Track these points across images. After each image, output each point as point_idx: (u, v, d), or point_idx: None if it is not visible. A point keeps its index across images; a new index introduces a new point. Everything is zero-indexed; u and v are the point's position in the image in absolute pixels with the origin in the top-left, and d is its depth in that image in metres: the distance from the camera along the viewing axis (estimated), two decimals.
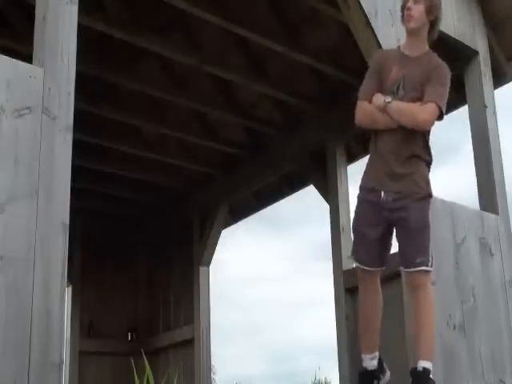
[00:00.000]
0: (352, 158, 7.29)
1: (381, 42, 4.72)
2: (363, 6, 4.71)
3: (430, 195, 3.62)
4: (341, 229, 6.54)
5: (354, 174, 7.29)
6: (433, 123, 3.58)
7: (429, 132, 3.69)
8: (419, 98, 3.59)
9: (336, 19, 5.80)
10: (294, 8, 6.38)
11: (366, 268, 3.71)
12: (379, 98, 3.68)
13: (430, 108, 3.54)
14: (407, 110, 3.58)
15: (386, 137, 3.67)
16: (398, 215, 3.56)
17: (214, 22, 5.98)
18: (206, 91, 7.49)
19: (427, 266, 3.52)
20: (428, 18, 3.76)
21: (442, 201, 4.72)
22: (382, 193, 3.61)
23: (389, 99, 3.63)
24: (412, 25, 3.77)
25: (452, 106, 6.38)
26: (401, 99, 3.63)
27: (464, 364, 4.47)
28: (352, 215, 3.83)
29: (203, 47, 6.98)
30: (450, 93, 3.88)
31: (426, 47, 3.79)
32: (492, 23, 5.84)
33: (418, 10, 3.77)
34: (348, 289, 6.36)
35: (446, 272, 4.56)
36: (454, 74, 4.00)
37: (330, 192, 6.82)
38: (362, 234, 3.68)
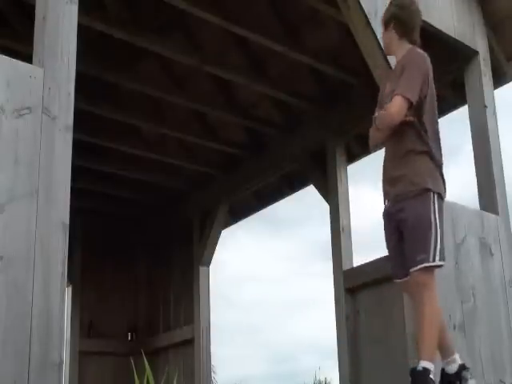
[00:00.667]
0: (352, 158, 7.30)
1: (381, 43, 4.72)
2: (363, 6, 4.71)
3: (427, 189, 3.56)
4: (341, 229, 6.54)
5: (354, 174, 7.31)
6: (402, 113, 3.55)
7: (421, 123, 3.67)
8: None
9: (336, 19, 5.80)
10: (294, 8, 6.38)
11: (396, 280, 3.70)
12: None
13: (395, 101, 3.55)
14: (382, 114, 3.63)
15: (386, 147, 3.77)
16: (400, 217, 3.58)
17: (214, 22, 5.98)
18: (206, 91, 7.49)
19: (429, 261, 3.49)
20: (389, 29, 3.85)
21: None
22: (387, 201, 3.67)
23: (376, 115, 3.69)
24: (384, 50, 4.03)
25: (452, 105, 6.40)
26: None
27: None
28: (352, 215, 3.86)
29: (203, 47, 6.98)
30: (450, 93, 3.92)
31: (405, 49, 3.80)
32: (492, 23, 5.83)
33: (383, 37, 3.94)
34: (348, 289, 6.36)
35: (446, 272, 4.55)
36: (453, 75, 4.02)
37: (330, 192, 6.82)
38: (387, 247, 3.73)
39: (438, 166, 3.67)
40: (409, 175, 3.59)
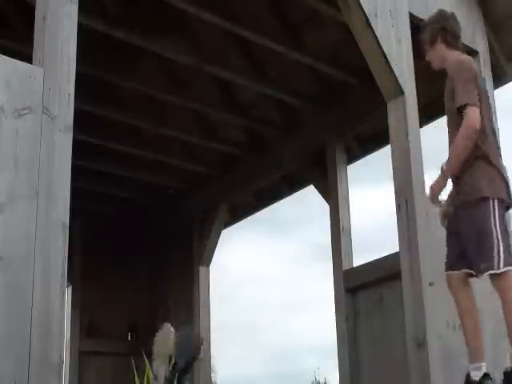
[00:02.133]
0: (352, 158, 7.30)
1: (381, 42, 4.72)
2: (363, 6, 4.71)
3: (484, 198, 3.56)
4: (341, 229, 6.53)
5: (354, 174, 7.31)
6: (478, 119, 3.62)
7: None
8: None
9: (336, 19, 5.79)
10: (294, 8, 6.38)
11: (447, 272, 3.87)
12: None
13: (468, 113, 3.62)
14: (462, 133, 3.69)
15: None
16: (460, 226, 3.75)
17: (214, 22, 5.98)
18: (206, 91, 7.49)
19: (493, 269, 3.49)
20: (436, 44, 3.92)
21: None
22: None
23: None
24: (435, 67, 4.03)
25: None
26: None
27: (464, 364, 4.46)
28: (352, 215, 3.88)
29: (203, 47, 6.98)
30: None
31: (452, 58, 3.89)
32: (492, 23, 5.84)
33: (428, 56, 4.01)
34: (348, 289, 6.35)
35: None
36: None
37: (330, 192, 6.81)
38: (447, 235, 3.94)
39: (498, 168, 3.65)
40: (467, 183, 3.62)
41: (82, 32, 3.59)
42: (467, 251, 3.61)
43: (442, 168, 3.69)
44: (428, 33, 3.97)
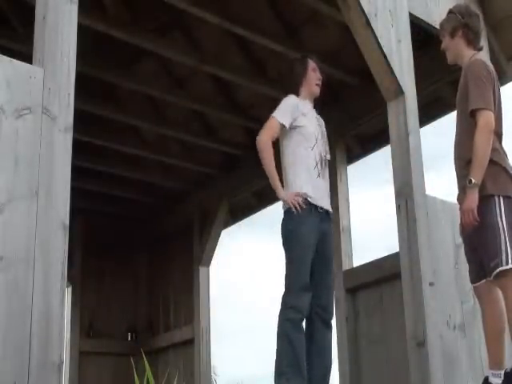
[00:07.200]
0: (352, 158, 7.29)
1: (381, 43, 4.72)
2: (363, 6, 4.70)
3: (488, 195, 3.52)
4: (341, 229, 6.53)
5: (354, 174, 7.29)
6: (491, 123, 3.60)
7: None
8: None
9: (336, 19, 5.80)
10: (294, 8, 6.37)
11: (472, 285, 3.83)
12: None
13: (479, 118, 3.61)
14: (476, 137, 3.64)
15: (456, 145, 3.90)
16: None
17: (214, 22, 5.98)
18: (206, 91, 7.49)
19: (502, 265, 3.44)
20: (457, 37, 3.85)
21: (442, 201, 4.73)
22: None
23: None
24: (449, 59, 3.95)
25: (452, 106, 6.39)
26: None
27: (464, 364, 4.46)
28: (352, 215, 3.84)
29: (203, 47, 6.97)
30: (450, 93, 3.94)
31: (468, 57, 3.84)
32: (492, 23, 5.83)
33: (445, 44, 3.92)
34: (348, 289, 6.35)
35: (446, 272, 4.56)
36: (453, 75, 4.03)
37: (330, 192, 6.79)
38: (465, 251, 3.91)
39: (504, 167, 3.61)
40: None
41: (82, 32, 3.59)
42: (479, 254, 3.60)
43: (468, 183, 3.52)
44: (451, 22, 3.89)
